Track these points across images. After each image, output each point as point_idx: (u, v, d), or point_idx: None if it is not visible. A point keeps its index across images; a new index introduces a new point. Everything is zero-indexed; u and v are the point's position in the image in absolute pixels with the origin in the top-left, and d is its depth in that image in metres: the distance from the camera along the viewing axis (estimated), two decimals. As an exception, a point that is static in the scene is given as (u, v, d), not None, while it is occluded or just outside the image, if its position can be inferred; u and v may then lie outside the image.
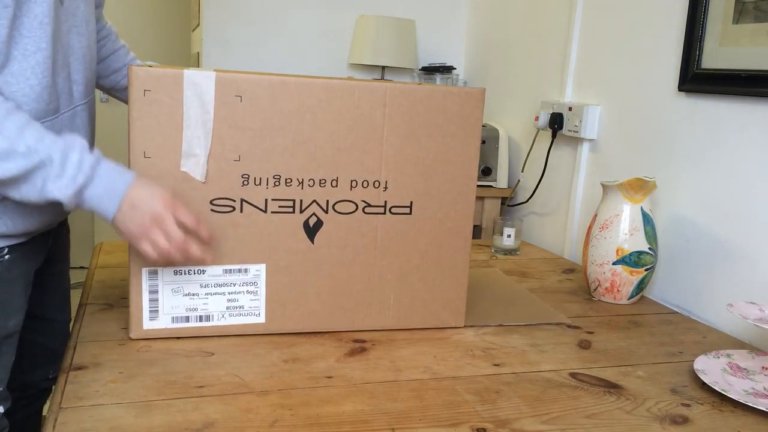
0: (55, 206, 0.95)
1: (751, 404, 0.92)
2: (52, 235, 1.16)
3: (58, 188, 0.88)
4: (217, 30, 2.21)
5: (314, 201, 1.05)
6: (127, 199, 0.91)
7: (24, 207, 0.99)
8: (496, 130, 2.02)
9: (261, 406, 0.86)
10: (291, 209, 1.04)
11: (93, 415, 0.82)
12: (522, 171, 2.00)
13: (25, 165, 0.86)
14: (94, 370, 0.93)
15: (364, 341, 1.09)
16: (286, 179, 1.03)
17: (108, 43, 1.26)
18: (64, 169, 0.88)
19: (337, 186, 1.05)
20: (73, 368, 0.93)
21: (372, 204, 1.08)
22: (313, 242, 1.06)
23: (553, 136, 1.80)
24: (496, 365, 1.03)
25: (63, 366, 0.95)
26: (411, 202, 1.10)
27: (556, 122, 1.76)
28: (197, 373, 0.94)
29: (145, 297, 1.02)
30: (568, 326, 1.22)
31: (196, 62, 2.49)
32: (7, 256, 1.01)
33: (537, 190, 1.90)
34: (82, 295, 1.23)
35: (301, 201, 1.04)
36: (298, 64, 2.30)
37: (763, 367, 1.07)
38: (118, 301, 1.20)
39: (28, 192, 0.88)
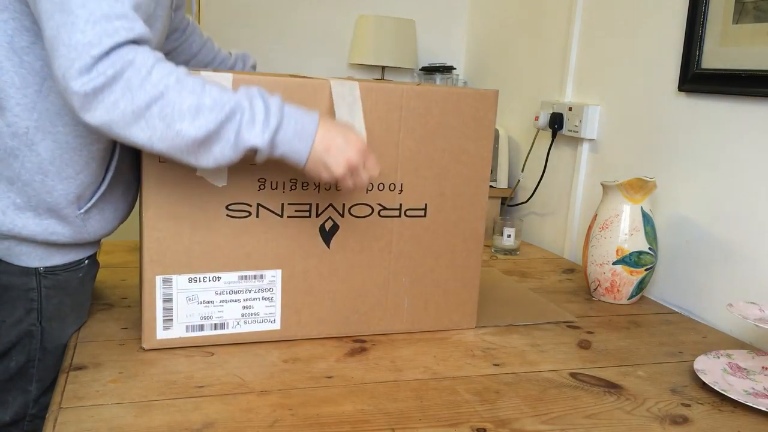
0: (125, 203, 1.04)
1: (751, 404, 0.92)
2: None
3: (255, 135, 0.83)
4: (217, 30, 2.21)
5: (330, 205, 1.04)
6: (320, 142, 0.87)
7: (103, 213, 1.01)
8: (496, 130, 2.02)
9: (261, 406, 0.86)
10: (307, 213, 1.03)
11: (93, 415, 0.82)
12: (522, 171, 2.00)
13: (215, 118, 0.81)
14: (94, 370, 0.93)
15: (364, 341, 1.09)
16: (302, 183, 1.01)
17: (197, 38, 1.27)
18: (254, 114, 0.84)
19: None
20: (73, 368, 0.93)
21: (387, 207, 1.07)
22: (329, 246, 1.05)
23: (553, 136, 1.80)
24: (496, 365, 1.03)
25: (63, 366, 0.95)
26: (425, 205, 1.09)
27: (556, 122, 1.76)
28: (197, 373, 0.94)
29: (159, 306, 0.99)
30: (568, 326, 1.22)
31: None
32: (86, 262, 1.05)
33: (537, 190, 1.90)
34: (82, 295, 1.23)
35: (317, 205, 1.03)
36: (298, 64, 2.30)
37: (763, 367, 1.07)
38: (118, 301, 1.20)
39: (222, 150, 0.83)
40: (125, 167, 1.05)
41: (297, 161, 0.88)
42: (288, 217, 1.02)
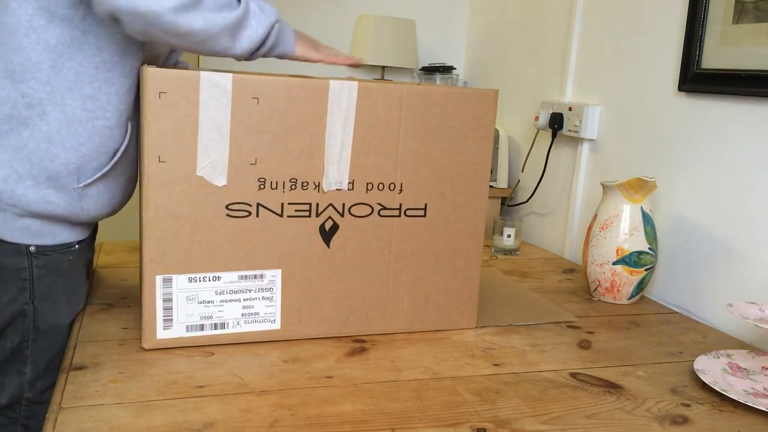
0: (122, 194, 1.10)
1: (751, 404, 0.92)
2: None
3: (269, 14, 1.02)
4: (217, 30, 2.21)
5: (330, 204, 1.03)
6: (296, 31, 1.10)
7: (101, 196, 1.06)
8: (496, 130, 2.02)
9: (261, 406, 0.86)
10: (307, 213, 1.03)
11: (93, 415, 0.82)
12: (522, 171, 2.00)
13: (242, 10, 0.98)
14: (94, 370, 0.93)
15: (364, 341, 1.09)
16: (302, 183, 1.01)
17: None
18: (263, 8, 1.02)
19: (353, 189, 1.04)
20: (73, 368, 0.93)
21: (387, 207, 1.07)
22: (329, 246, 1.05)
23: (553, 136, 1.80)
24: (496, 365, 1.03)
25: (63, 366, 0.95)
26: (425, 205, 1.09)
27: (556, 122, 1.76)
28: (197, 373, 0.94)
29: (159, 306, 0.99)
30: (568, 326, 1.22)
31: (195, 63, 2.49)
32: (77, 246, 1.09)
33: (537, 190, 1.90)
34: (82, 295, 1.23)
35: (317, 205, 1.03)
36: (298, 64, 2.30)
37: (763, 367, 1.07)
38: (118, 301, 1.20)
39: (250, 34, 1.00)
40: (129, 160, 1.10)
41: (289, 41, 1.07)
42: (288, 216, 1.02)
